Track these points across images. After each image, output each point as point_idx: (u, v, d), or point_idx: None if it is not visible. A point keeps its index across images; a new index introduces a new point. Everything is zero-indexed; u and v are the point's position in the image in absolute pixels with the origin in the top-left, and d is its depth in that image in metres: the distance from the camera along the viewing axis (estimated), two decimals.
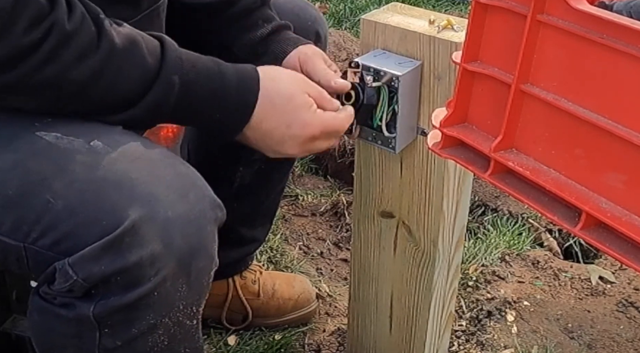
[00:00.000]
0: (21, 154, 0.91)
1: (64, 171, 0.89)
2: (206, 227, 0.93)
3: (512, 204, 2.04)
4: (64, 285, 0.88)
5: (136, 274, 0.87)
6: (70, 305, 0.90)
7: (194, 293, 0.95)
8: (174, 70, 0.96)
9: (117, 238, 0.86)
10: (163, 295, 0.90)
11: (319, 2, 3.18)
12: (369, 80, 1.11)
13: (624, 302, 1.72)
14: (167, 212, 0.89)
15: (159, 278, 0.89)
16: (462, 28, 1.08)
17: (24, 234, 0.89)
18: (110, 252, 0.86)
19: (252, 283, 1.61)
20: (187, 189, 0.92)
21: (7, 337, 1.26)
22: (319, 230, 1.98)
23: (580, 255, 1.95)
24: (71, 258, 0.87)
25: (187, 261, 0.91)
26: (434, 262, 1.26)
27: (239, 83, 1.02)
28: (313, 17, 1.37)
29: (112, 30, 0.93)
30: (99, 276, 0.87)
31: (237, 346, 1.57)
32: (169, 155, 0.95)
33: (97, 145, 0.91)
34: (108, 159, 0.90)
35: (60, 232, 0.88)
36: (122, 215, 0.86)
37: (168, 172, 0.92)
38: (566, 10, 0.69)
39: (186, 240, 0.90)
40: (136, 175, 0.89)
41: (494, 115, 0.79)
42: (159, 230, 0.88)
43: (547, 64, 0.72)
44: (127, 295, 0.88)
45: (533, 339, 1.62)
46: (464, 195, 1.25)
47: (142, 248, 0.87)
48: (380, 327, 1.41)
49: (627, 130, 0.67)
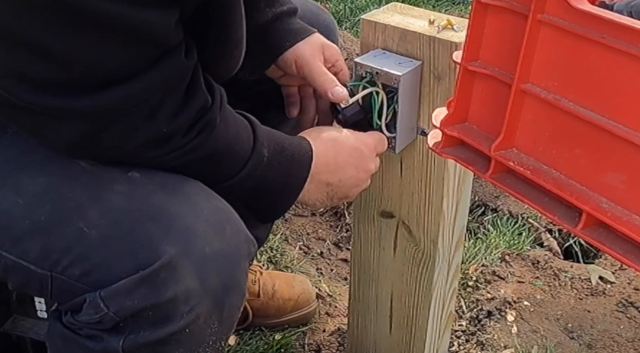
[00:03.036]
0: (55, 178, 0.89)
1: (99, 199, 0.87)
2: (240, 263, 0.92)
3: (512, 204, 2.04)
4: (94, 317, 0.86)
5: (169, 310, 0.86)
6: (97, 337, 0.88)
7: (224, 329, 0.93)
8: (263, 143, 0.99)
9: (153, 273, 0.84)
10: (195, 332, 0.89)
11: (319, 2, 3.18)
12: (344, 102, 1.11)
13: (624, 302, 1.72)
14: (205, 247, 0.87)
15: (193, 316, 0.87)
16: (462, 28, 1.08)
17: (53, 262, 0.86)
18: (144, 287, 0.84)
19: (252, 284, 1.61)
20: (223, 224, 0.91)
21: (7, 337, 1.26)
22: (319, 230, 1.98)
23: (580, 255, 1.95)
24: (104, 290, 0.84)
25: (221, 298, 0.90)
26: (434, 262, 1.26)
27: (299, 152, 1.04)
28: (327, 23, 1.33)
29: (222, 121, 0.95)
30: (130, 310, 0.85)
31: (237, 346, 1.57)
32: (204, 189, 0.94)
33: (134, 175, 0.89)
34: (145, 189, 0.89)
35: (91, 263, 0.85)
36: (159, 249, 0.84)
37: (205, 206, 0.91)
38: (566, 10, 0.69)
39: (221, 277, 0.89)
40: (174, 208, 0.88)
41: (494, 115, 0.79)
42: (195, 267, 0.86)
43: (548, 64, 0.72)
44: (158, 331, 0.86)
45: (533, 339, 1.62)
46: (464, 195, 1.25)
47: (178, 284, 0.85)
48: (380, 327, 1.41)
49: (628, 130, 0.67)
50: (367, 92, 1.11)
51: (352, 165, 1.09)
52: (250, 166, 0.98)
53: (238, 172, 0.97)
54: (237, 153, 0.97)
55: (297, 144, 1.05)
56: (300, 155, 1.04)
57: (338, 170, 1.08)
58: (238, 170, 0.97)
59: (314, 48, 1.16)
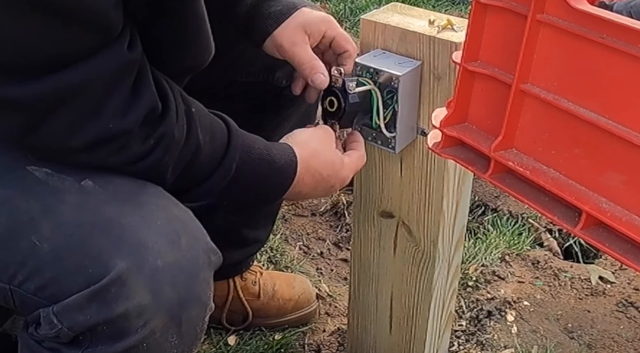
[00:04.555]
0: (10, 191, 0.88)
1: (51, 212, 0.86)
2: (198, 274, 0.89)
3: (512, 204, 2.04)
4: (50, 332, 0.85)
5: (123, 325, 0.84)
6: (57, 350, 0.87)
7: (185, 342, 0.91)
8: (234, 157, 0.99)
9: (102, 288, 0.82)
10: (152, 346, 0.87)
11: (319, 2, 3.17)
12: (352, 86, 1.10)
13: (624, 302, 1.72)
14: (157, 260, 0.85)
15: (147, 330, 0.85)
16: (462, 28, 1.08)
17: (10, 276, 0.86)
18: (95, 302, 0.82)
19: (253, 284, 1.61)
20: (178, 234, 0.88)
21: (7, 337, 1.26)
22: (319, 230, 1.98)
23: (580, 255, 1.95)
24: (56, 306, 0.83)
25: (177, 312, 0.87)
26: (434, 262, 1.26)
27: (283, 162, 1.04)
28: None
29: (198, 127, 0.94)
30: (84, 325, 0.83)
31: (237, 346, 1.57)
32: (162, 196, 0.92)
33: (87, 185, 0.87)
34: (97, 201, 0.87)
35: (45, 278, 0.84)
36: (108, 263, 0.82)
37: (159, 216, 0.88)
38: (566, 10, 0.69)
39: (176, 290, 0.86)
40: (125, 220, 0.85)
41: (494, 115, 0.79)
42: (147, 281, 0.84)
43: (547, 64, 0.72)
44: (115, 345, 0.85)
45: (533, 339, 1.62)
46: (464, 195, 1.25)
47: (129, 299, 0.83)
48: (380, 327, 1.41)
49: (627, 130, 0.67)
50: (364, 89, 1.11)
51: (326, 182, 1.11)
52: (215, 178, 0.98)
53: (204, 181, 0.97)
54: (203, 164, 0.96)
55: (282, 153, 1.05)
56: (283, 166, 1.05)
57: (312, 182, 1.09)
58: (203, 179, 0.97)
59: (293, 33, 1.13)
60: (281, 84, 1.31)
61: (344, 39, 1.16)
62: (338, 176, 1.11)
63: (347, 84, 1.10)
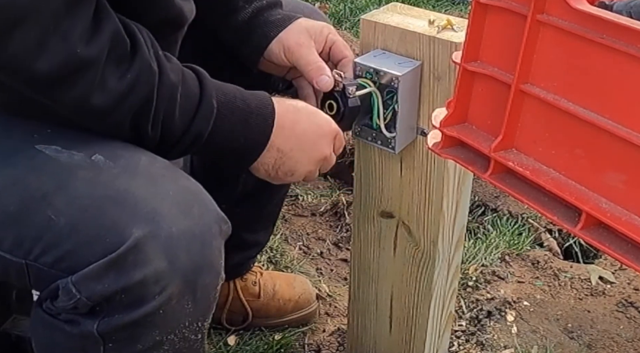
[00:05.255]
0: (21, 170, 0.90)
1: (65, 187, 0.88)
2: (211, 242, 0.92)
3: (512, 204, 2.04)
4: (68, 303, 0.87)
5: (140, 293, 0.86)
6: (74, 321, 0.89)
7: (200, 309, 0.93)
8: (212, 97, 0.97)
9: (120, 256, 0.84)
10: (169, 313, 0.89)
11: (319, 2, 3.18)
12: (352, 90, 1.10)
13: (624, 302, 1.72)
14: (171, 228, 0.87)
15: (164, 297, 0.87)
16: (462, 28, 1.08)
17: (26, 251, 0.88)
18: (113, 271, 0.85)
19: (253, 285, 1.61)
20: (190, 204, 0.91)
21: (7, 337, 1.26)
22: (319, 230, 1.98)
23: (580, 255, 1.95)
24: (74, 276, 0.86)
25: (193, 278, 0.90)
26: (434, 262, 1.26)
27: (257, 103, 1.02)
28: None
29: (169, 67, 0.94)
30: (102, 294, 0.85)
31: (237, 346, 1.57)
32: (171, 169, 0.94)
33: (98, 159, 0.90)
34: (109, 174, 0.89)
35: (62, 250, 0.86)
36: (125, 232, 0.85)
37: (171, 187, 0.91)
38: (566, 10, 0.69)
39: (191, 257, 0.89)
40: (138, 191, 0.88)
41: (494, 115, 0.79)
42: (163, 248, 0.86)
43: (547, 64, 0.72)
44: (132, 313, 0.87)
45: (533, 339, 1.62)
46: (464, 195, 1.25)
47: (146, 266, 0.85)
48: (380, 327, 1.41)
49: (627, 130, 0.67)
50: (364, 92, 1.11)
51: (307, 141, 1.07)
52: (200, 119, 0.97)
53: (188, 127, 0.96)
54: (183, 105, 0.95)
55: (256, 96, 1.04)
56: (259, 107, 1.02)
57: (292, 138, 1.05)
58: (187, 124, 0.96)
59: (299, 35, 1.15)
60: (277, 88, 1.31)
61: (343, 45, 1.17)
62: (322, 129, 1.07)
63: (347, 88, 1.10)
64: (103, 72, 0.87)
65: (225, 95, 1.00)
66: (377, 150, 1.22)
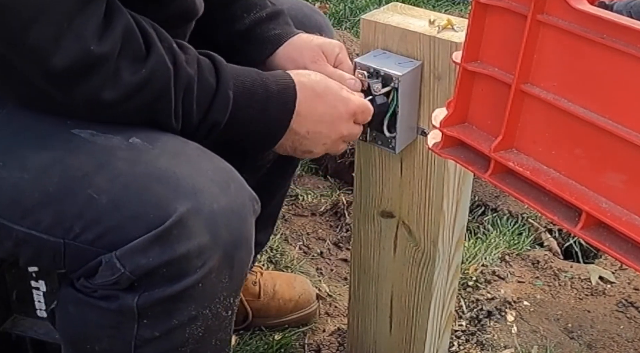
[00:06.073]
0: (59, 151, 0.91)
1: (105, 166, 0.90)
2: (247, 219, 0.95)
3: (512, 204, 2.04)
4: (110, 279, 0.88)
5: (183, 266, 0.88)
6: (112, 297, 0.90)
7: (234, 285, 0.96)
8: (228, 88, 0.98)
9: (165, 231, 0.86)
10: (207, 287, 0.91)
11: (319, 2, 3.18)
12: (378, 88, 1.10)
13: (624, 302, 1.72)
14: (213, 204, 0.90)
15: (205, 270, 0.90)
16: (462, 28, 1.08)
17: (65, 230, 0.89)
18: (158, 245, 0.87)
19: (253, 285, 1.61)
20: (227, 182, 0.94)
21: (7, 337, 1.26)
22: (319, 230, 1.98)
23: (580, 255, 1.95)
24: (119, 251, 0.87)
25: (231, 253, 0.92)
26: (434, 262, 1.26)
27: (279, 88, 1.03)
28: (319, 24, 1.33)
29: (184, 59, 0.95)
30: (146, 268, 0.87)
31: (237, 346, 1.57)
32: (205, 150, 0.97)
33: (136, 141, 0.92)
34: (149, 154, 0.91)
35: (104, 227, 0.88)
36: (169, 208, 0.87)
37: (208, 166, 0.93)
38: (566, 10, 0.69)
39: (231, 232, 0.91)
40: (179, 169, 0.90)
41: (494, 115, 0.79)
42: (206, 223, 0.89)
43: (547, 64, 0.72)
44: (173, 286, 0.89)
45: (533, 339, 1.62)
46: (464, 195, 1.25)
47: (190, 240, 0.88)
48: (380, 327, 1.41)
49: (628, 130, 0.67)
50: (387, 89, 1.10)
51: (324, 123, 1.07)
52: (217, 107, 0.98)
53: (204, 117, 0.97)
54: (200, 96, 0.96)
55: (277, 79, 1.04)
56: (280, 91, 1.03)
57: (309, 122, 1.06)
58: (203, 113, 0.97)
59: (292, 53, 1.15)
60: None
61: (348, 67, 1.16)
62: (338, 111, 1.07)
63: (373, 86, 1.10)
64: (117, 67, 0.89)
65: (243, 83, 1.01)
66: (377, 150, 1.22)
